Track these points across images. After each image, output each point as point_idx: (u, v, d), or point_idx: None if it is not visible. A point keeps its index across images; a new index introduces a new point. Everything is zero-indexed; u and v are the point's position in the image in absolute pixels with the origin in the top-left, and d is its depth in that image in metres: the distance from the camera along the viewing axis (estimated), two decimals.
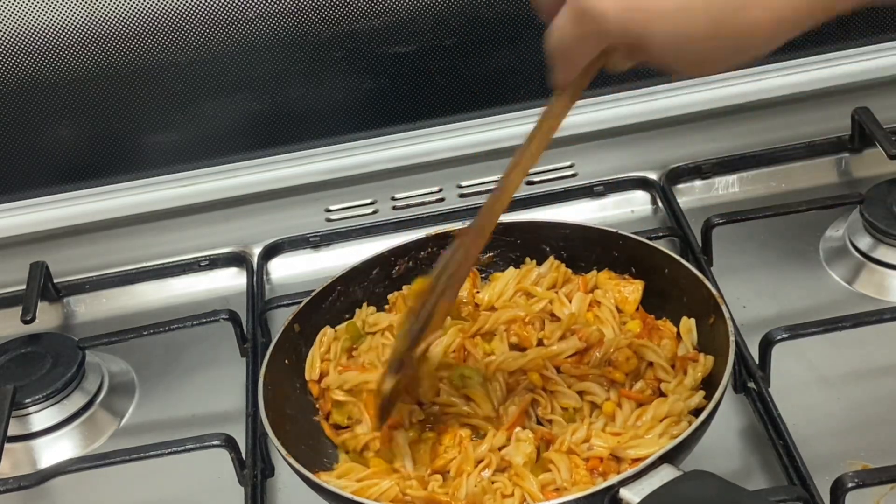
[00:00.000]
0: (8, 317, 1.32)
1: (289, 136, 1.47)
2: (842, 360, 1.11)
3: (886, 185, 1.25)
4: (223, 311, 1.22)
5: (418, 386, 1.00)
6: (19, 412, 1.17)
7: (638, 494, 0.85)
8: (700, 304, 1.03)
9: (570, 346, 1.02)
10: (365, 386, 1.04)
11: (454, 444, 0.97)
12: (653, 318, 1.07)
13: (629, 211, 1.38)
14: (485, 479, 0.93)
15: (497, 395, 1.01)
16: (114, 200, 1.45)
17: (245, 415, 1.12)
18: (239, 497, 1.05)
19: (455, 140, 1.46)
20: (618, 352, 1.01)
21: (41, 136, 1.43)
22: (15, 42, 1.37)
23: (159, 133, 1.45)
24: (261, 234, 1.39)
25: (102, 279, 1.36)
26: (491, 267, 1.18)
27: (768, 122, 1.41)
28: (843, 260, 1.22)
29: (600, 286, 1.11)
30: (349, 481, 0.95)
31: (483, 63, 1.45)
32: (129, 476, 1.10)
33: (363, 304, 1.14)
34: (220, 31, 1.40)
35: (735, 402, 1.08)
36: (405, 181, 1.44)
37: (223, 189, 1.45)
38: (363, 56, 1.43)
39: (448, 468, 0.96)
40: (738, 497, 0.84)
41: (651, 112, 1.45)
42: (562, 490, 0.92)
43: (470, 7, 1.41)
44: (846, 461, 1.00)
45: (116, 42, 1.39)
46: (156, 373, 1.26)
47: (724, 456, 1.03)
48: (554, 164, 1.43)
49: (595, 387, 1.00)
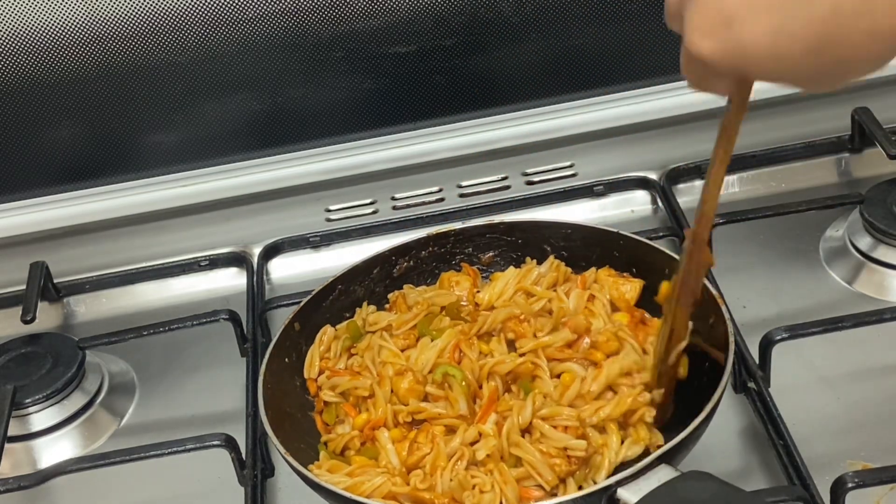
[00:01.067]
0: (8, 317, 1.32)
1: (289, 136, 1.47)
2: (842, 360, 1.11)
3: (886, 185, 1.25)
4: (223, 311, 1.22)
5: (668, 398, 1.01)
6: (19, 412, 1.17)
7: (636, 494, 0.86)
8: (700, 304, 1.03)
9: (562, 338, 1.03)
10: (354, 391, 1.04)
11: (427, 441, 0.98)
12: (642, 312, 1.07)
13: (629, 211, 1.38)
14: (461, 473, 0.94)
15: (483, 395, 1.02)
16: (114, 200, 1.45)
17: (245, 415, 1.12)
18: (239, 497, 1.05)
19: (455, 140, 1.46)
20: (600, 334, 1.02)
21: (41, 136, 1.44)
22: (15, 42, 1.37)
23: (159, 133, 1.45)
24: (261, 234, 1.39)
25: (102, 279, 1.36)
26: (491, 266, 1.18)
27: (768, 122, 1.41)
28: (843, 260, 1.22)
29: (599, 283, 1.11)
30: (340, 476, 0.96)
31: (483, 63, 1.45)
32: (129, 476, 1.10)
33: (364, 302, 1.14)
34: (220, 31, 1.40)
35: (735, 402, 1.08)
36: (405, 181, 1.44)
37: (223, 189, 1.45)
38: (363, 56, 1.43)
39: (421, 464, 0.97)
40: (736, 497, 0.84)
41: (651, 112, 1.45)
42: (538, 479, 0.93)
43: (470, 7, 1.41)
44: (846, 461, 1.00)
45: (116, 42, 1.39)
46: (156, 373, 1.26)
47: (723, 456, 1.03)
48: (554, 164, 1.43)
49: (575, 367, 1.01)
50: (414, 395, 1.02)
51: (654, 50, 1.46)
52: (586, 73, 1.47)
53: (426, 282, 1.17)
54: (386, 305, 1.15)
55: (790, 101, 1.43)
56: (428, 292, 1.13)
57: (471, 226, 1.19)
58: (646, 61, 1.47)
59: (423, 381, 1.02)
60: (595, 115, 1.46)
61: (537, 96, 1.47)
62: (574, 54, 1.45)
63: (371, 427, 1.01)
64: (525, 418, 0.97)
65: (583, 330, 1.03)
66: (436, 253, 1.18)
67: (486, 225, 1.19)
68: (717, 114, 1.48)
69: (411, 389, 1.02)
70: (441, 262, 1.18)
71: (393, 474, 0.96)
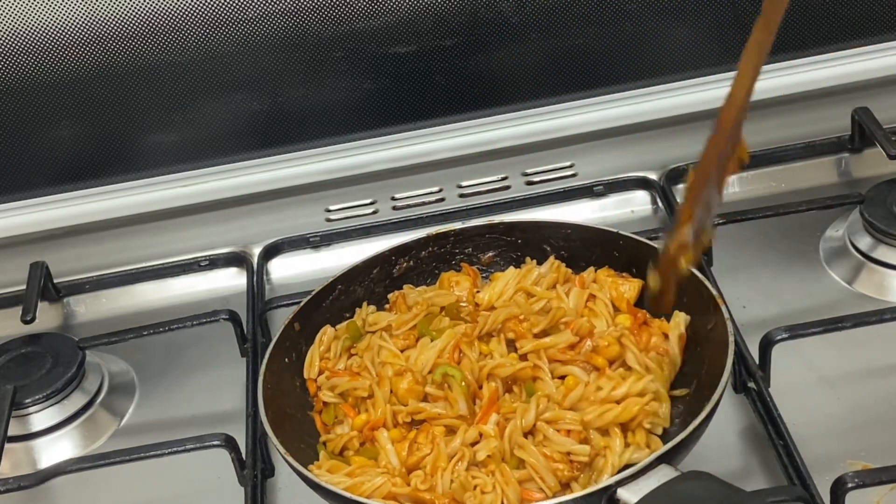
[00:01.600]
0: (8, 317, 1.32)
1: (289, 136, 1.47)
2: (842, 360, 1.11)
3: (886, 185, 1.24)
4: (223, 311, 1.22)
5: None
6: (19, 412, 1.17)
7: (636, 494, 0.86)
8: (700, 304, 1.03)
9: (564, 340, 1.03)
10: (353, 391, 1.04)
11: (427, 442, 0.98)
12: (644, 312, 1.07)
13: (629, 211, 1.38)
14: (462, 474, 0.94)
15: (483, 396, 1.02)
16: (114, 200, 1.45)
17: (245, 415, 1.12)
18: (239, 497, 1.05)
19: (455, 140, 1.46)
20: (601, 338, 1.02)
21: (41, 136, 1.44)
22: (15, 42, 1.37)
23: (159, 133, 1.45)
24: (261, 234, 1.39)
25: (102, 279, 1.36)
26: (491, 266, 1.18)
27: (768, 122, 1.41)
28: (843, 260, 1.22)
29: (598, 283, 1.11)
30: (341, 476, 0.96)
31: (483, 63, 1.45)
32: (129, 476, 1.10)
33: (363, 303, 1.14)
34: (220, 31, 1.40)
35: (735, 402, 1.08)
36: (405, 181, 1.44)
37: (223, 189, 1.45)
38: (363, 56, 1.43)
39: (421, 465, 0.97)
40: (736, 497, 0.84)
41: (651, 112, 1.45)
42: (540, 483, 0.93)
43: (470, 7, 1.41)
44: (846, 461, 1.00)
45: (116, 42, 1.39)
46: (156, 373, 1.26)
47: (724, 456, 1.03)
48: (554, 164, 1.43)
49: (577, 370, 1.01)
50: (413, 396, 1.02)
51: (654, 50, 1.46)
52: (586, 73, 1.47)
53: (426, 282, 1.17)
54: (386, 305, 1.15)
55: (790, 101, 1.43)
56: (428, 292, 1.13)
57: (471, 226, 1.19)
58: (646, 61, 1.47)
59: (423, 382, 1.02)
60: (595, 115, 1.46)
61: (537, 96, 1.47)
62: (574, 54, 1.45)
63: (370, 428, 1.01)
64: (528, 421, 0.96)
65: (585, 332, 1.03)
66: (436, 253, 1.18)
67: (485, 225, 1.19)
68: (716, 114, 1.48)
69: (411, 390, 1.02)
70: (441, 263, 1.18)
71: (393, 475, 0.96)
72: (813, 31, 1.42)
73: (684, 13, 1.43)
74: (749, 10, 1.44)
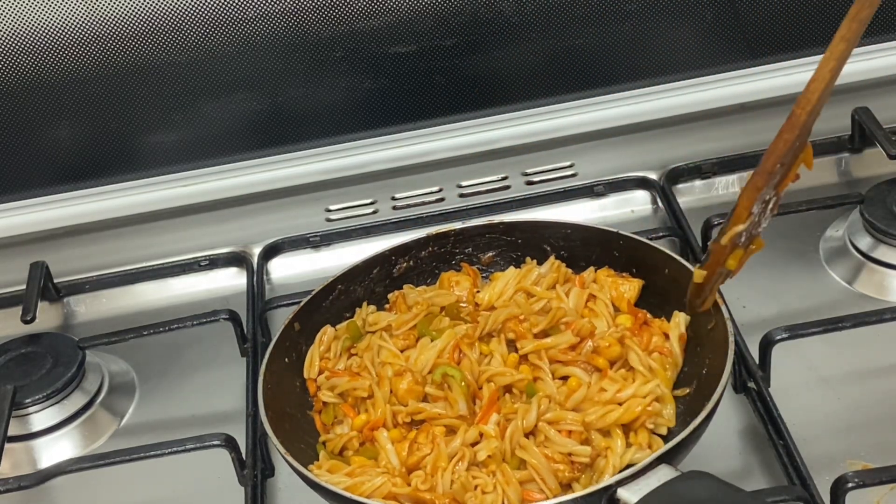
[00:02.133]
0: (8, 317, 1.32)
1: (289, 136, 1.47)
2: (842, 360, 1.11)
3: (886, 185, 1.25)
4: (223, 311, 1.22)
5: None
6: (19, 412, 1.17)
7: (636, 494, 0.86)
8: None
9: (565, 340, 1.03)
10: (353, 392, 1.04)
11: (427, 442, 0.98)
12: (644, 312, 1.07)
13: (629, 211, 1.38)
14: (462, 474, 0.94)
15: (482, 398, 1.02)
16: (114, 200, 1.45)
17: (245, 415, 1.12)
18: (239, 497, 1.05)
19: (455, 140, 1.46)
20: (602, 339, 1.02)
21: (41, 136, 1.44)
22: (15, 42, 1.37)
23: (159, 133, 1.45)
24: (261, 234, 1.39)
25: (102, 279, 1.36)
26: (491, 266, 1.18)
27: (768, 122, 1.40)
28: (843, 260, 1.22)
29: (598, 282, 1.11)
30: (341, 476, 0.96)
31: (483, 63, 1.45)
32: (129, 476, 1.10)
33: (363, 302, 1.14)
34: (220, 31, 1.40)
35: (735, 402, 1.08)
36: (405, 181, 1.44)
37: (223, 189, 1.45)
38: (363, 56, 1.43)
39: (422, 465, 0.97)
40: (736, 497, 0.84)
41: (651, 112, 1.45)
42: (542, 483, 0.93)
43: (470, 7, 1.41)
44: (846, 461, 1.00)
45: (116, 42, 1.39)
46: (156, 373, 1.26)
47: (724, 456, 1.03)
48: (554, 164, 1.43)
49: (579, 371, 1.01)
50: (413, 396, 1.02)
51: (654, 50, 1.46)
52: (586, 73, 1.47)
53: (426, 282, 1.17)
54: (386, 305, 1.15)
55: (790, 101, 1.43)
56: (428, 292, 1.13)
57: (471, 226, 1.19)
58: (646, 61, 1.47)
59: (423, 382, 1.02)
60: (595, 115, 1.46)
61: (537, 96, 1.47)
62: (574, 54, 1.45)
63: (370, 428, 1.01)
64: (530, 422, 0.96)
65: (586, 333, 1.03)
66: (436, 253, 1.18)
67: (485, 225, 1.19)
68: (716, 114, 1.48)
69: (410, 390, 1.02)
70: (441, 262, 1.18)
71: (393, 475, 0.96)
72: (813, 31, 1.42)
73: (684, 13, 1.43)
74: (749, 9, 1.44)
